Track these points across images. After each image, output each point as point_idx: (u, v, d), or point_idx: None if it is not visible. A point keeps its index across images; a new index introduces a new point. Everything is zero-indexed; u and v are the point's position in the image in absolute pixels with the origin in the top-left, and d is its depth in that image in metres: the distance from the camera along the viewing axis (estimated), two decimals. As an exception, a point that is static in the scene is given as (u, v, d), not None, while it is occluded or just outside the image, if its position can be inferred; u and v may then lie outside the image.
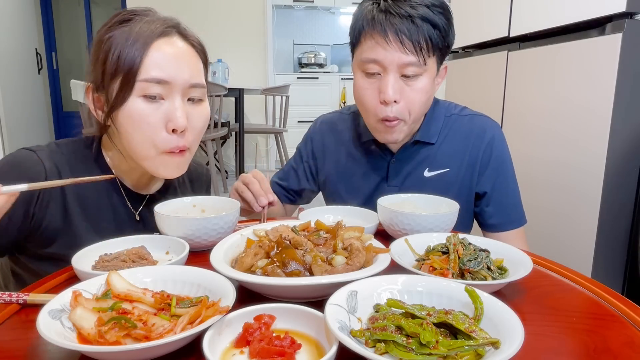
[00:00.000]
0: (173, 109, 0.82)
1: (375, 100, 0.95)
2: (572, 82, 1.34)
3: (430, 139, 1.08)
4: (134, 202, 0.94)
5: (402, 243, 0.79)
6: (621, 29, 1.17)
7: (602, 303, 0.66)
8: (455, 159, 1.08)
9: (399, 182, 1.10)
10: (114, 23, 0.84)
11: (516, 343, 0.46)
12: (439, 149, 1.09)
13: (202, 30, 0.97)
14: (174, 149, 0.84)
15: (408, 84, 0.94)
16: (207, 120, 0.91)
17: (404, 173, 1.10)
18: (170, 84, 0.82)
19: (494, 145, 1.07)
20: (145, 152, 0.84)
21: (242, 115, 4.16)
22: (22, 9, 5.17)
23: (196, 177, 1.13)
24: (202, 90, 0.88)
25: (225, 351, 0.51)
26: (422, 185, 1.08)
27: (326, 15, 5.93)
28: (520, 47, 1.61)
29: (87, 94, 0.86)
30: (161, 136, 0.83)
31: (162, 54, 0.82)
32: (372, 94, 0.95)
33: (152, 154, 0.84)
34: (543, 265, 0.80)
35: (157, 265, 0.73)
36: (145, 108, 0.81)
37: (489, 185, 1.08)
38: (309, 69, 5.66)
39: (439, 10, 0.92)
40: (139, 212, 0.95)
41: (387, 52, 0.91)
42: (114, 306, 0.54)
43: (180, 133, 0.84)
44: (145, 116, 0.81)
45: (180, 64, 0.83)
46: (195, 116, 0.87)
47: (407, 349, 0.47)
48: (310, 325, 0.54)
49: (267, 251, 0.69)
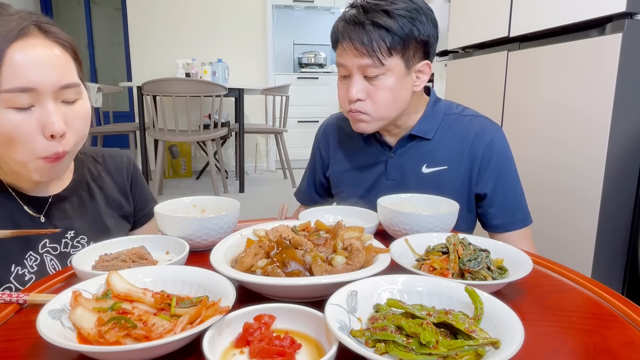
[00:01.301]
0: (47, 115, 0.76)
1: (346, 98, 1.06)
2: (572, 82, 1.34)
3: (426, 134, 1.11)
4: (34, 206, 0.88)
5: (402, 243, 0.79)
6: (621, 29, 1.17)
7: (602, 303, 0.66)
8: (453, 157, 1.10)
9: (397, 176, 1.14)
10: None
11: (516, 343, 0.46)
12: (437, 146, 1.12)
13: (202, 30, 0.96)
14: (52, 155, 0.79)
15: (372, 84, 1.03)
16: (89, 117, 0.85)
17: (402, 168, 1.14)
18: (36, 90, 0.74)
19: (495, 146, 1.09)
20: (23, 159, 0.78)
21: (242, 115, 4.16)
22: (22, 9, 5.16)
23: (115, 168, 1.06)
24: (76, 90, 0.81)
25: (225, 351, 0.51)
26: (420, 181, 1.11)
27: (326, 15, 5.93)
28: (520, 47, 1.61)
29: None
30: (39, 143, 0.77)
31: (22, 58, 0.73)
32: (344, 93, 1.07)
33: (29, 159, 0.78)
34: (543, 265, 0.81)
35: (157, 265, 0.73)
36: (16, 119, 0.74)
37: (489, 186, 1.09)
38: (309, 69, 5.65)
39: (400, 14, 0.98)
40: (45, 214, 0.90)
41: (347, 57, 1.02)
42: (114, 306, 0.54)
43: (59, 137, 0.78)
44: (17, 127, 0.74)
45: (44, 67, 0.75)
46: (74, 117, 0.81)
47: (407, 349, 0.47)
48: (310, 325, 0.54)
49: (267, 251, 0.69)
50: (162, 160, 3.76)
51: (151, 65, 4.98)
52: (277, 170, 5.42)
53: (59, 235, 0.91)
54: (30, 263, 0.87)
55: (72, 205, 0.95)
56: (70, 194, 0.95)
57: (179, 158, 5.03)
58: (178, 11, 4.93)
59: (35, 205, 0.89)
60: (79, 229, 0.95)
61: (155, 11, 4.91)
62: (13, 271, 0.85)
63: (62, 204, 0.93)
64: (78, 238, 0.94)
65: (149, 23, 4.93)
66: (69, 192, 0.95)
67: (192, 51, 4.95)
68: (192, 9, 4.96)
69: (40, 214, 0.89)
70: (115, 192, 1.06)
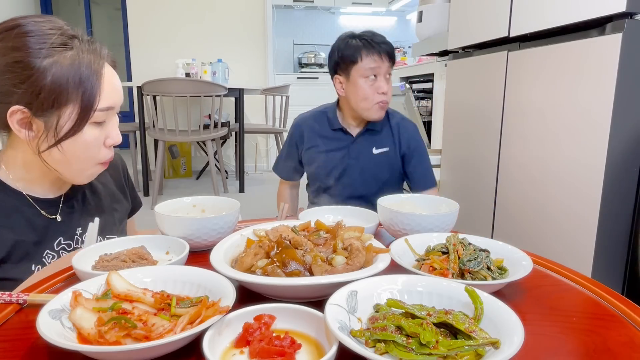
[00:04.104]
0: (112, 128, 0.88)
1: (374, 93, 1.52)
2: (572, 82, 1.34)
3: (375, 127, 1.61)
4: (48, 208, 0.92)
5: (402, 243, 0.79)
6: (621, 29, 1.17)
7: (602, 303, 0.66)
8: (392, 142, 1.62)
9: (356, 157, 1.61)
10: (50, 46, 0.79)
11: (516, 343, 0.46)
12: (382, 135, 1.62)
13: (202, 30, 0.97)
14: (108, 160, 0.91)
15: (388, 82, 1.55)
16: None
17: (360, 151, 1.61)
18: (114, 109, 0.87)
19: (415, 137, 1.64)
20: (86, 166, 0.88)
21: (242, 115, 4.16)
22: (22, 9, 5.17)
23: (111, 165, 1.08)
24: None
25: (225, 351, 0.51)
26: (371, 159, 1.61)
27: (326, 15, 5.93)
28: (520, 47, 1.61)
29: (10, 117, 0.79)
30: (102, 152, 0.88)
31: (109, 82, 0.85)
32: (372, 90, 1.52)
33: (91, 165, 0.89)
34: (543, 265, 0.81)
35: (157, 265, 0.73)
36: (96, 133, 0.85)
37: (414, 162, 1.62)
38: (309, 69, 5.65)
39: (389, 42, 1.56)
40: (59, 213, 0.93)
41: (382, 64, 1.51)
42: (114, 306, 0.54)
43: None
44: (96, 139, 0.86)
45: (120, 89, 0.89)
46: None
47: (407, 349, 0.47)
48: (310, 325, 0.54)
49: (267, 251, 0.69)
50: (162, 160, 3.76)
51: (151, 65, 4.98)
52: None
53: (72, 232, 0.94)
54: (49, 261, 0.89)
55: (79, 203, 0.98)
56: (76, 193, 0.98)
57: (179, 158, 5.02)
58: (178, 11, 4.93)
59: (49, 207, 0.92)
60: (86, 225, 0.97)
61: (155, 11, 4.91)
62: (34, 270, 0.86)
63: (71, 202, 0.96)
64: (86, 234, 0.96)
65: (149, 23, 4.93)
66: (75, 191, 0.98)
67: (192, 51, 4.94)
68: (192, 9, 4.96)
69: (55, 215, 0.92)
70: (114, 188, 1.09)
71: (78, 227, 0.95)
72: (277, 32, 5.62)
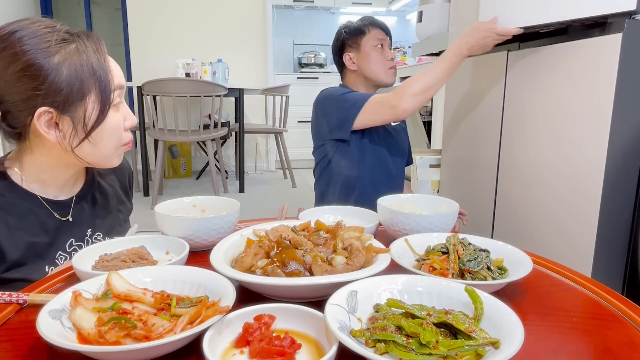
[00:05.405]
0: (126, 109, 0.91)
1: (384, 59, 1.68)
2: (571, 82, 1.34)
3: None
4: (60, 209, 0.92)
5: (402, 243, 0.79)
6: (621, 29, 1.17)
7: (602, 303, 0.66)
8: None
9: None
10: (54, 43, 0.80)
11: (516, 343, 0.46)
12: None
13: (202, 30, 0.98)
14: (130, 141, 0.93)
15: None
16: None
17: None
18: (124, 88, 0.90)
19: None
20: (112, 150, 0.90)
21: (242, 115, 4.15)
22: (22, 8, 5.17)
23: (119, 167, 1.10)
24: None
25: (225, 351, 0.51)
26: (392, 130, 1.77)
27: (326, 15, 5.93)
28: (520, 47, 1.61)
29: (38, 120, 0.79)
30: (124, 135, 0.91)
31: (111, 62, 0.87)
32: (383, 58, 1.68)
33: (116, 147, 0.91)
34: (543, 265, 0.81)
35: (157, 265, 0.73)
36: (117, 117, 0.88)
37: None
38: (309, 69, 5.65)
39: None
40: (71, 215, 0.94)
41: (385, 38, 1.69)
42: (114, 306, 0.54)
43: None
44: (117, 123, 0.88)
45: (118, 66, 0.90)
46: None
47: (407, 349, 0.47)
48: (310, 325, 0.54)
49: (267, 251, 0.69)
50: (162, 160, 3.76)
51: (151, 65, 4.98)
52: (277, 170, 5.42)
53: (82, 233, 0.95)
54: (61, 262, 0.90)
55: (89, 204, 0.98)
56: (86, 194, 0.98)
57: (179, 158, 5.02)
58: (178, 11, 4.93)
59: (61, 209, 0.92)
60: (96, 226, 0.99)
61: (155, 11, 4.91)
62: (47, 271, 0.87)
63: (81, 203, 0.96)
64: (95, 235, 0.98)
65: (149, 23, 4.93)
66: (85, 192, 0.98)
67: (192, 51, 4.94)
68: (192, 9, 4.95)
69: (67, 216, 0.93)
70: (119, 190, 1.10)
71: (88, 228, 0.96)
72: (277, 32, 5.62)
